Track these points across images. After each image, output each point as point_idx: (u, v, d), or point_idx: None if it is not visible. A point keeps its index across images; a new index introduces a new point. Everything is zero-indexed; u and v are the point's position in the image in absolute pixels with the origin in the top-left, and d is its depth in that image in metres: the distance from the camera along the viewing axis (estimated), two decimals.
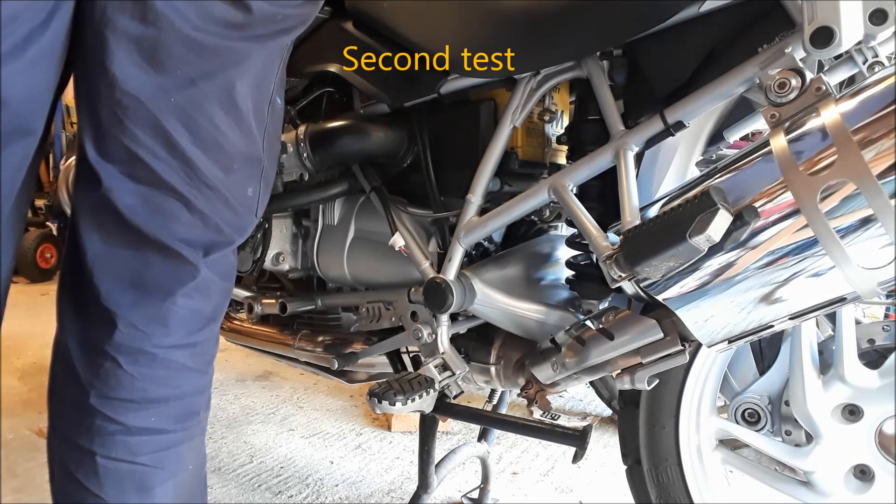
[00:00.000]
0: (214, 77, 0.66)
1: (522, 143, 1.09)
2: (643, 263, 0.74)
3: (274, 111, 0.76)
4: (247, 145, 0.72)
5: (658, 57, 0.86)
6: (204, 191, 0.68)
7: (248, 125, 0.71)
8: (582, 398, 2.49)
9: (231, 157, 0.70)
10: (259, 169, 0.75)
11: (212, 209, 0.70)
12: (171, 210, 0.67)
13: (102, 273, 0.68)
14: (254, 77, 0.69)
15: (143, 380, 0.69)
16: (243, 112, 0.69)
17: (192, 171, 0.67)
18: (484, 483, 1.63)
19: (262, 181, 0.76)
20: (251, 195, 0.75)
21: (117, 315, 0.68)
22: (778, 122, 0.70)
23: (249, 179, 0.74)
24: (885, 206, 0.63)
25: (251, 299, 1.34)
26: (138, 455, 0.70)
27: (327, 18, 1.15)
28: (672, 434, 1.04)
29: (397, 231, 1.08)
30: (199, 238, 0.70)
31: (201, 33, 0.63)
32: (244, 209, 0.74)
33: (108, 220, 0.67)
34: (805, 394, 0.95)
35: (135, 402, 0.69)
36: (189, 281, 0.70)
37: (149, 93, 0.64)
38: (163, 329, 0.70)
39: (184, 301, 0.70)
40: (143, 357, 0.69)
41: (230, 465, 1.87)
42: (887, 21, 0.68)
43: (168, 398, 0.71)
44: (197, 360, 0.74)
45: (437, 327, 1.06)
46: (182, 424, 0.73)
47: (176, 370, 0.71)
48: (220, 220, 0.71)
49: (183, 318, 0.71)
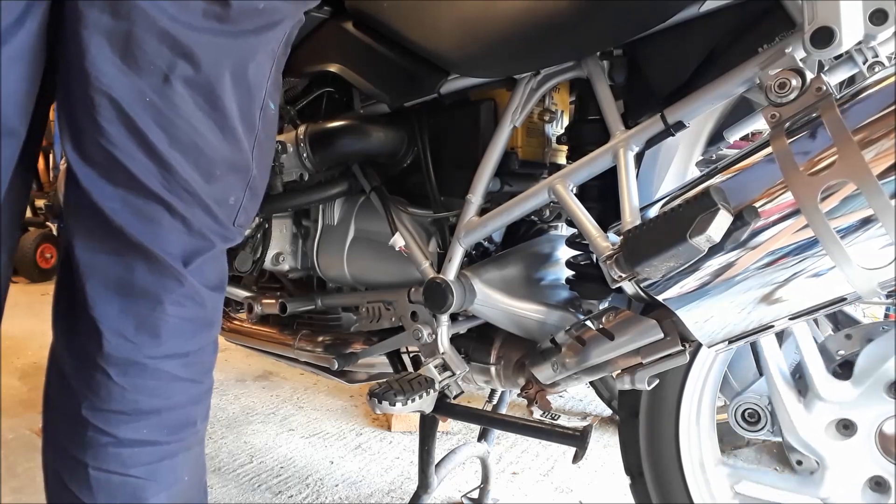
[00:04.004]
0: (191, 75, 0.63)
1: (522, 143, 1.09)
2: (643, 263, 0.74)
3: (266, 118, 0.72)
4: (232, 152, 0.68)
5: (658, 57, 0.86)
6: (184, 196, 0.66)
7: (233, 130, 0.67)
8: (582, 398, 2.49)
9: (213, 162, 0.67)
10: (245, 178, 0.71)
11: (193, 215, 0.67)
12: (153, 214, 0.65)
13: (90, 280, 0.67)
14: (238, 78, 0.66)
15: (133, 391, 0.68)
16: (227, 115, 0.66)
17: (170, 175, 0.64)
18: (484, 483, 1.63)
19: (247, 190, 0.72)
20: (232, 203, 0.71)
21: (105, 324, 0.66)
22: (778, 123, 0.70)
23: (233, 188, 0.71)
24: (886, 206, 0.63)
25: (251, 299, 1.34)
26: (130, 467, 0.69)
27: (327, 18, 1.15)
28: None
29: (397, 231, 1.08)
30: (182, 244, 0.68)
31: (177, 25, 0.60)
32: (225, 218, 0.71)
33: (92, 223, 0.65)
34: (792, 421, 0.95)
35: (126, 414, 0.68)
36: (176, 288, 0.68)
37: (123, 91, 0.61)
38: (153, 339, 0.68)
39: (174, 309, 0.68)
40: (133, 368, 0.67)
41: (230, 465, 1.87)
42: (887, 21, 0.68)
43: (160, 409, 0.69)
44: (191, 369, 0.72)
45: (437, 327, 1.06)
46: (177, 435, 0.71)
47: (168, 381, 0.69)
48: (202, 226, 0.68)
49: (174, 327, 0.69)
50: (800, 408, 0.95)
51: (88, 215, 0.65)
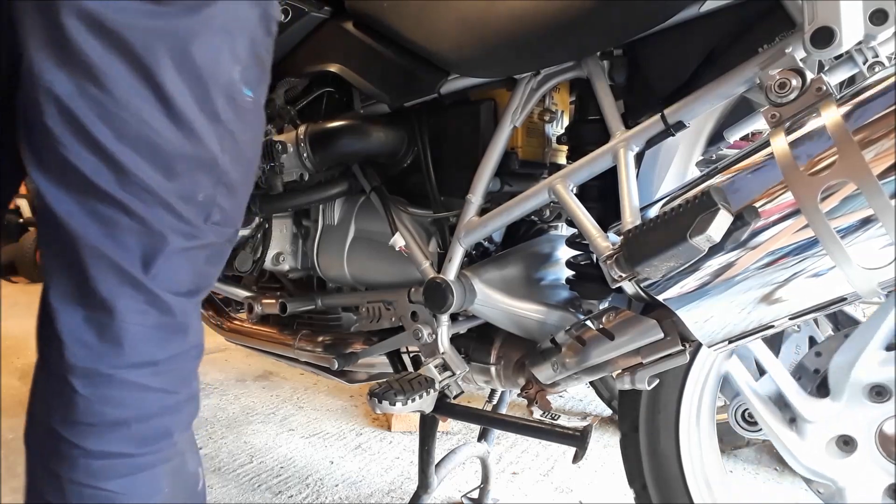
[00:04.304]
0: (125, 62, 0.58)
1: (522, 143, 1.09)
2: (644, 263, 0.74)
3: (237, 107, 0.66)
4: (192, 146, 0.63)
5: (658, 57, 0.86)
6: (141, 195, 0.61)
7: (188, 122, 0.62)
8: (582, 398, 2.49)
9: (171, 157, 0.62)
10: (213, 173, 0.66)
11: (153, 215, 0.63)
12: (109, 217, 0.61)
13: (52, 289, 0.64)
14: (182, 62, 0.60)
15: (99, 402, 0.65)
16: (175, 104, 0.61)
17: (123, 174, 0.60)
18: (484, 483, 1.63)
19: (219, 186, 0.67)
20: (202, 201, 0.66)
21: (67, 334, 0.64)
22: (778, 123, 0.70)
23: (200, 184, 0.65)
24: (886, 206, 0.63)
25: (251, 299, 1.34)
26: (102, 480, 0.66)
27: (327, 18, 1.15)
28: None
29: (397, 231, 1.08)
30: (142, 247, 0.63)
31: (103, 8, 0.56)
32: (193, 216, 0.66)
33: (53, 230, 0.62)
34: (791, 452, 0.94)
35: (93, 426, 0.65)
36: (137, 295, 0.64)
37: (62, 86, 0.57)
38: (116, 348, 0.64)
39: (136, 317, 0.64)
40: (97, 378, 0.64)
41: (230, 465, 1.87)
42: (887, 21, 0.68)
43: (129, 421, 0.66)
44: (163, 379, 0.68)
45: (438, 327, 1.06)
46: (150, 447, 0.68)
47: (137, 391, 0.66)
48: (165, 226, 0.64)
49: (138, 335, 0.65)
50: (793, 437, 0.95)
51: (48, 222, 0.63)
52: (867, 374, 0.91)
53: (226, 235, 0.71)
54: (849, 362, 0.92)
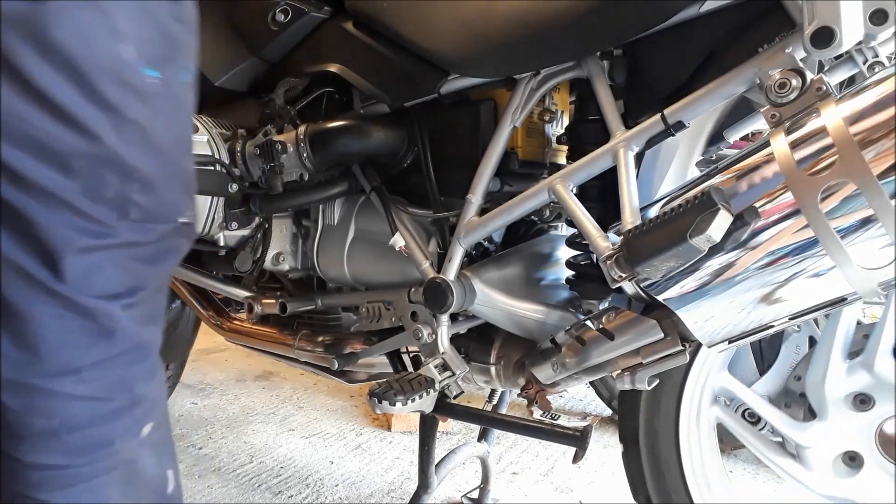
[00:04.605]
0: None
1: (522, 143, 1.09)
2: (644, 264, 0.74)
3: (136, 92, 0.60)
4: (85, 140, 0.58)
5: (658, 57, 0.86)
6: (39, 197, 0.58)
7: (71, 115, 0.57)
8: (582, 398, 2.49)
9: (65, 155, 0.58)
10: (117, 168, 0.61)
11: (55, 216, 0.59)
12: (8, 221, 0.58)
13: None
14: (44, 48, 0.55)
15: (25, 413, 0.62)
16: (54, 99, 0.56)
17: (15, 176, 0.56)
18: (484, 483, 1.63)
19: (130, 182, 0.61)
20: (112, 198, 0.61)
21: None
22: (778, 123, 0.70)
23: (104, 181, 0.60)
24: (886, 206, 0.63)
25: (251, 299, 1.34)
26: (43, 492, 0.63)
27: (327, 18, 1.15)
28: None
29: (397, 231, 1.08)
30: (48, 251, 0.60)
31: None
32: (104, 215, 0.61)
33: None
34: (807, 485, 0.94)
35: (23, 437, 0.63)
36: (48, 299, 0.60)
37: None
38: (32, 356, 0.61)
39: (53, 323, 0.61)
40: (21, 388, 0.62)
41: (230, 465, 1.87)
42: (887, 21, 0.68)
43: (57, 431, 0.63)
44: (90, 386, 0.64)
45: (438, 327, 1.06)
46: (86, 458, 0.64)
47: (63, 400, 0.63)
48: (70, 227, 0.60)
49: (55, 342, 0.61)
50: (801, 469, 0.95)
51: None
52: (840, 386, 0.92)
53: (155, 233, 0.66)
54: (819, 380, 0.93)
